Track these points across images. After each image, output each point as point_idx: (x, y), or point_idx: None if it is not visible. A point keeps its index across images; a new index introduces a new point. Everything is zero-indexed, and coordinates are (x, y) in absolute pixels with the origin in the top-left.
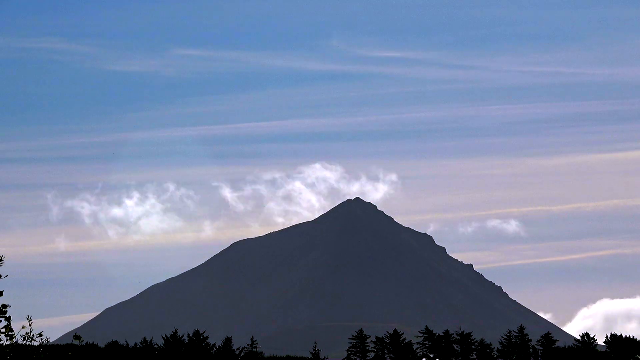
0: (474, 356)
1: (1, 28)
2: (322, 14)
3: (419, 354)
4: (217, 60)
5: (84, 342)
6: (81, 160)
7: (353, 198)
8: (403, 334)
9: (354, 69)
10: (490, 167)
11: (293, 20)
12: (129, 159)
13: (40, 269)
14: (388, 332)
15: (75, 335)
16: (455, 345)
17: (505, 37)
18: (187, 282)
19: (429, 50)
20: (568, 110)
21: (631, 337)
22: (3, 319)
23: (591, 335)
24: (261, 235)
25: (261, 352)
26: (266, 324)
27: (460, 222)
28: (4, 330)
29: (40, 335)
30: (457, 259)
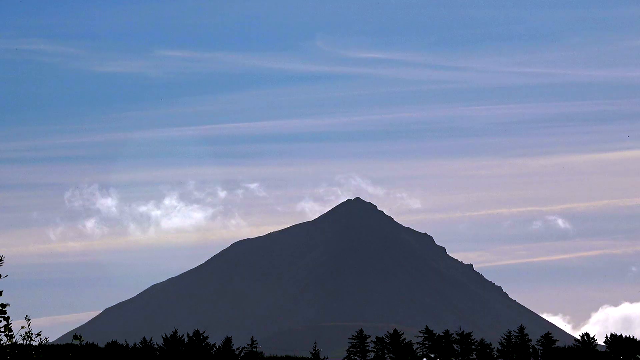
0: (474, 356)
1: None
2: (307, 15)
3: (419, 354)
4: (201, 62)
5: (84, 342)
6: (75, 160)
7: (353, 198)
8: (403, 334)
9: (338, 70)
10: (475, 168)
11: (277, 21)
12: (129, 159)
13: (41, 269)
14: (388, 332)
15: (75, 335)
16: (455, 345)
17: (492, 38)
18: (187, 282)
19: (414, 51)
20: (555, 110)
21: (631, 337)
22: (2, 319)
23: (591, 335)
24: (261, 235)
25: (261, 352)
26: (266, 324)
27: (453, 222)
28: (3, 330)
29: (39, 335)
30: (457, 259)
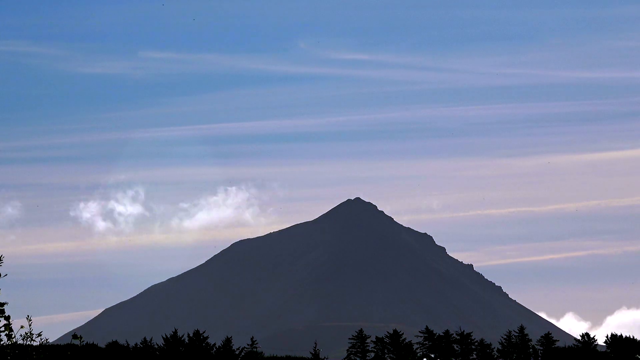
0: (474, 356)
1: None
2: (289, 16)
3: (419, 354)
4: (185, 63)
5: (84, 342)
6: (74, 160)
7: (353, 198)
8: (403, 334)
9: (320, 71)
10: (460, 168)
11: (260, 22)
12: (129, 159)
13: (40, 269)
14: (388, 332)
15: (75, 335)
16: (455, 345)
17: (474, 39)
18: (187, 282)
19: (397, 52)
20: (538, 110)
21: (631, 337)
22: (2, 319)
23: (591, 335)
24: (261, 235)
25: (261, 352)
26: (266, 324)
27: (453, 222)
28: (3, 330)
29: (40, 335)
30: (457, 259)
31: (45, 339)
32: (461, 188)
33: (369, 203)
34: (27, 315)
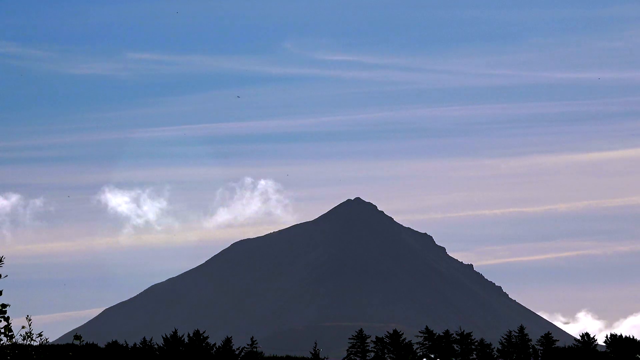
0: (474, 356)
1: None
2: (276, 18)
3: (419, 354)
4: (172, 64)
5: (84, 342)
6: (71, 160)
7: (353, 198)
8: (403, 334)
9: (307, 72)
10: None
11: (246, 23)
12: (129, 159)
13: (40, 269)
14: (388, 332)
15: (76, 335)
16: (455, 345)
17: (461, 39)
18: (187, 282)
19: (383, 53)
20: (526, 111)
21: (631, 337)
22: (2, 319)
23: (591, 335)
24: (261, 235)
25: (261, 352)
26: (266, 324)
27: (453, 222)
28: (3, 330)
29: (40, 335)
30: (457, 259)
31: (45, 339)
32: (461, 188)
33: (369, 203)
34: (27, 315)
